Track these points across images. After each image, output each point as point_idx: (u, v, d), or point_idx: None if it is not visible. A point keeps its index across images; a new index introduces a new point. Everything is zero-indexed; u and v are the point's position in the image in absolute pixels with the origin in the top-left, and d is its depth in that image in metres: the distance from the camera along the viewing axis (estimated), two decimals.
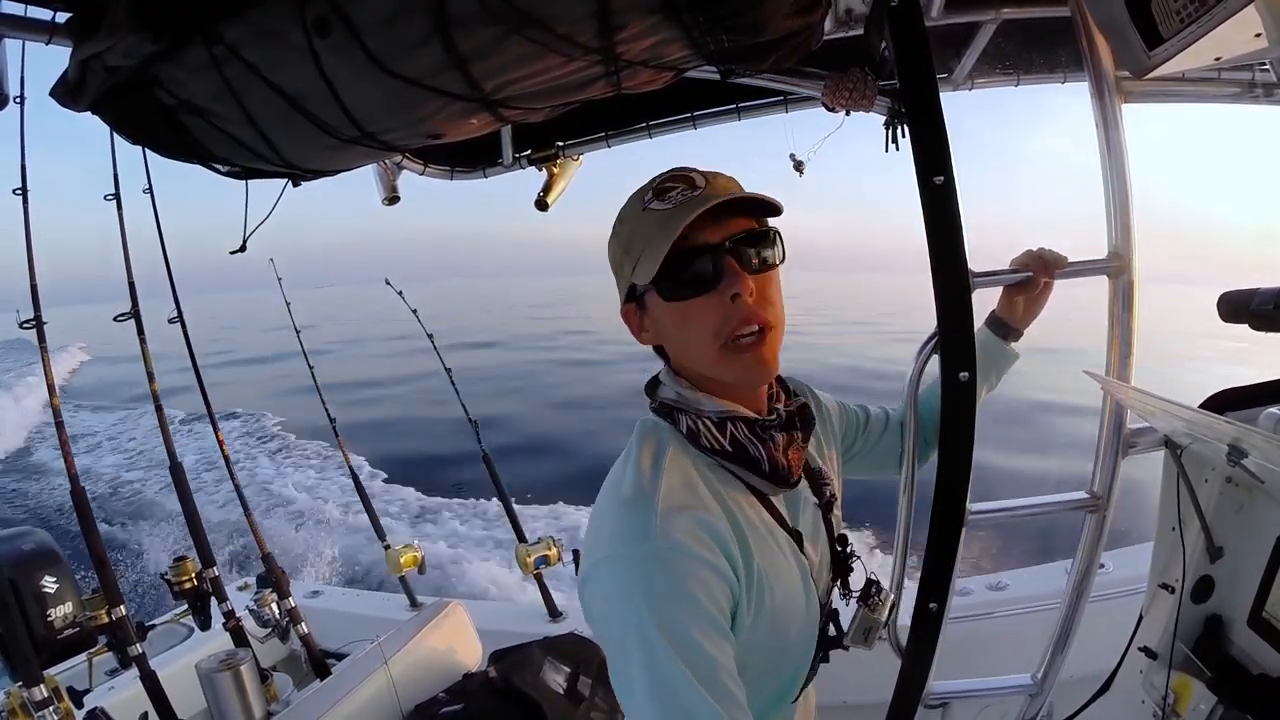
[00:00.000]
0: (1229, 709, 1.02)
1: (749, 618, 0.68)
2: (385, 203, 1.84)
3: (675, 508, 0.66)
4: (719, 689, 0.59)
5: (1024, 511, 1.07)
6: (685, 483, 0.70)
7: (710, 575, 0.64)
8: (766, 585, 0.70)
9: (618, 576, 0.64)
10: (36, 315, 1.81)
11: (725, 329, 0.69)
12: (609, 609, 0.64)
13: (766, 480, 0.75)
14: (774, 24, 0.82)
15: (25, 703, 1.44)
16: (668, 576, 0.62)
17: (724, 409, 0.74)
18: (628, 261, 0.72)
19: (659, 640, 0.59)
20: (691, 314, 0.70)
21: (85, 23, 0.94)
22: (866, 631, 0.85)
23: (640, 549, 0.64)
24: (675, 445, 0.73)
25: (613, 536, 0.67)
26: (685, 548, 0.63)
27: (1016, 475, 6.88)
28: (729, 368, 0.71)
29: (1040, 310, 1.05)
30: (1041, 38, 1.25)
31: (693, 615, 0.61)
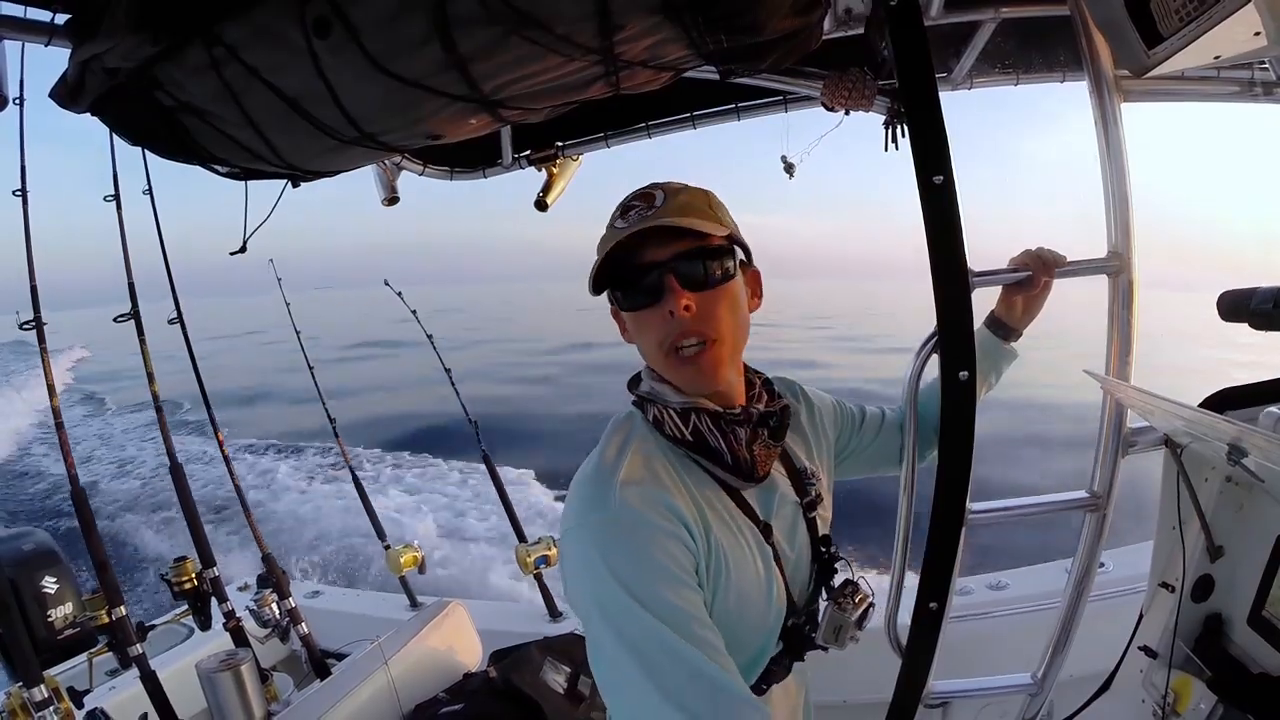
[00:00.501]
0: (1229, 708, 1.02)
1: (707, 592, 0.71)
2: (385, 203, 1.84)
3: (633, 481, 0.71)
4: (692, 637, 0.62)
5: (1024, 511, 1.07)
6: (646, 464, 0.74)
7: (668, 540, 0.68)
8: (725, 565, 0.73)
9: (580, 544, 0.68)
10: (36, 316, 1.81)
11: (667, 340, 0.75)
12: (576, 577, 0.68)
13: (729, 473, 0.78)
14: (773, 24, 0.82)
15: (26, 703, 1.44)
16: (627, 540, 0.66)
17: (687, 401, 0.78)
18: (594, 271, 0.78)
19: (622, 596, 0.63)
20: (641, 324, 0.77)
21: (85, 24, 0.94)
22: (837, 630, 0.85)
23: (599, 516, 0.68)
24: (643, 433, 0.79)
25: (575, 510, 0.71)
26: (642, 515, 0.68)
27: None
28: (675, 374, 0.78)
29: (1039, 310, 1.06)
30: (1041, 37, 1.25)
31: (655, 573, 0.65)
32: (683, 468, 0.77)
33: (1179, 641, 1.09)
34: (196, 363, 2.36)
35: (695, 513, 0.72)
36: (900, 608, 1.09)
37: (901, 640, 1.07)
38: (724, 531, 0.75)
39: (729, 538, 0.75)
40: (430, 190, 24.47)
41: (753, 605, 0.77)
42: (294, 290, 3.06)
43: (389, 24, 0.80)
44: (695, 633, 0.63)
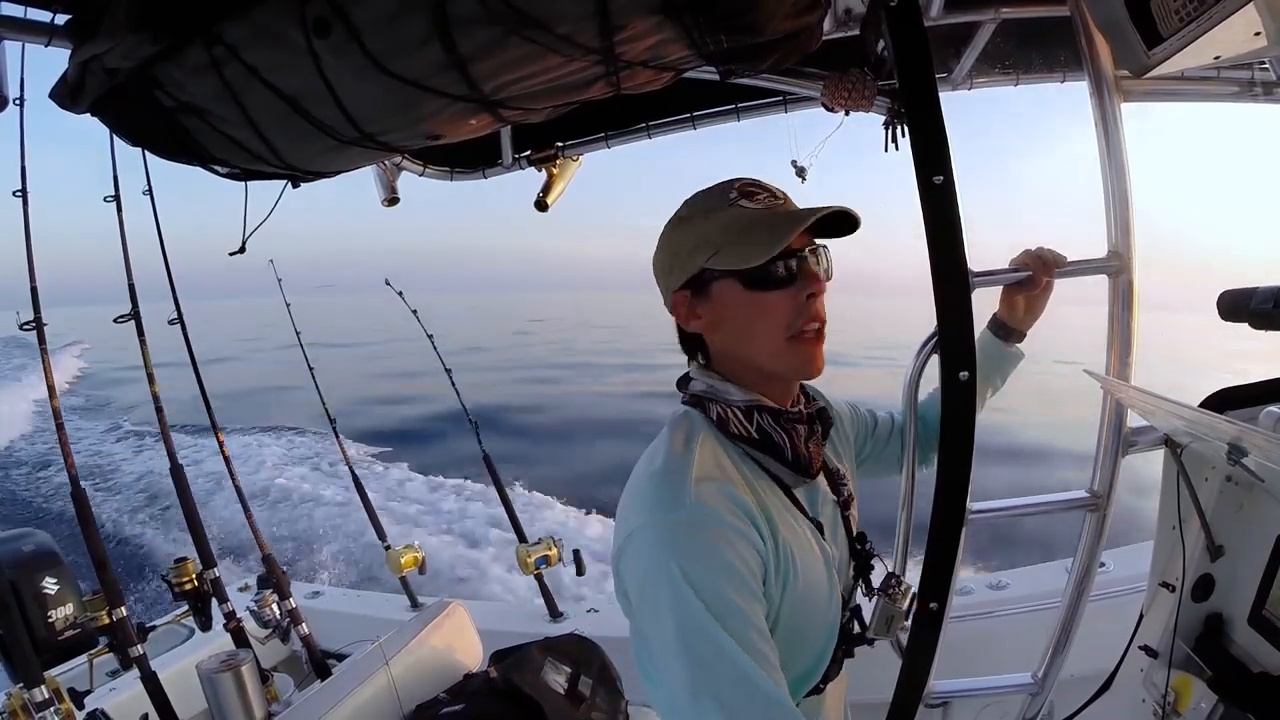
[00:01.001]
0: (1229, 707, 1.02)
1: (776, 594, 0.71)
2: (385, 204, 1.84)
3: (707, 478, 0.70)
4: (751, 648, 0.62)
5: (1024, 511, 1.07)
6: (715, 461, 0.74)
7: (741, 541, 0.67)
8: (792, 566, 0.73)
9: (653, 542, 0.67)
10: (36, 317, 1.81)
11: (796, 323, 0.76)
12: (644, 575, 0.67)
13: (789, 469, 0.79)
14: (773, 24, 0.82)
15: (26, 704, 1.44)
16: (702, 540, 0.66)
17: (751, 398, 0.79)
18: (705, 250, 0.77)
19: (694, 600, 0.62)
20: (769, 305, 0.76)
21: (85, 24, 0.94)
22: (889, 621, 0.87)
23: (674, 515, 0.67)
24: (706, 430, 0.78)
25: (648, 505, 0.70)
26: (718, 513, 0.67)
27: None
28: (789, 358, 0.77)
29: (1041, 311, 1.06)
30: (1041, 37, 1.25)
31: (727, 576, 0.65)
32: (747, 467, 0.77)
33: (1179, 641, 1.09)
34: (196, 363, 2.36)
35: (761, 510, 0.72)
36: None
37: (901, 640, 1.07)
38: (788, 529, 0.75)
39: (793, 535, 0.75)
40: (431, 191, 24.52)
41: (818, 602, 0.78)
42: (295, 293, 3.06)
43: (389, 24, 0.80)
44: (755, 643, 0.63)
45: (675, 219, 0.81)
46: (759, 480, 0.77)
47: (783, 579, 0.72)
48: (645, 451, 0.79)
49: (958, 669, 1.08)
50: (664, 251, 0.83)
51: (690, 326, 0.82)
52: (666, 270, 0.82)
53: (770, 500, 0.76)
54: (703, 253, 0.77)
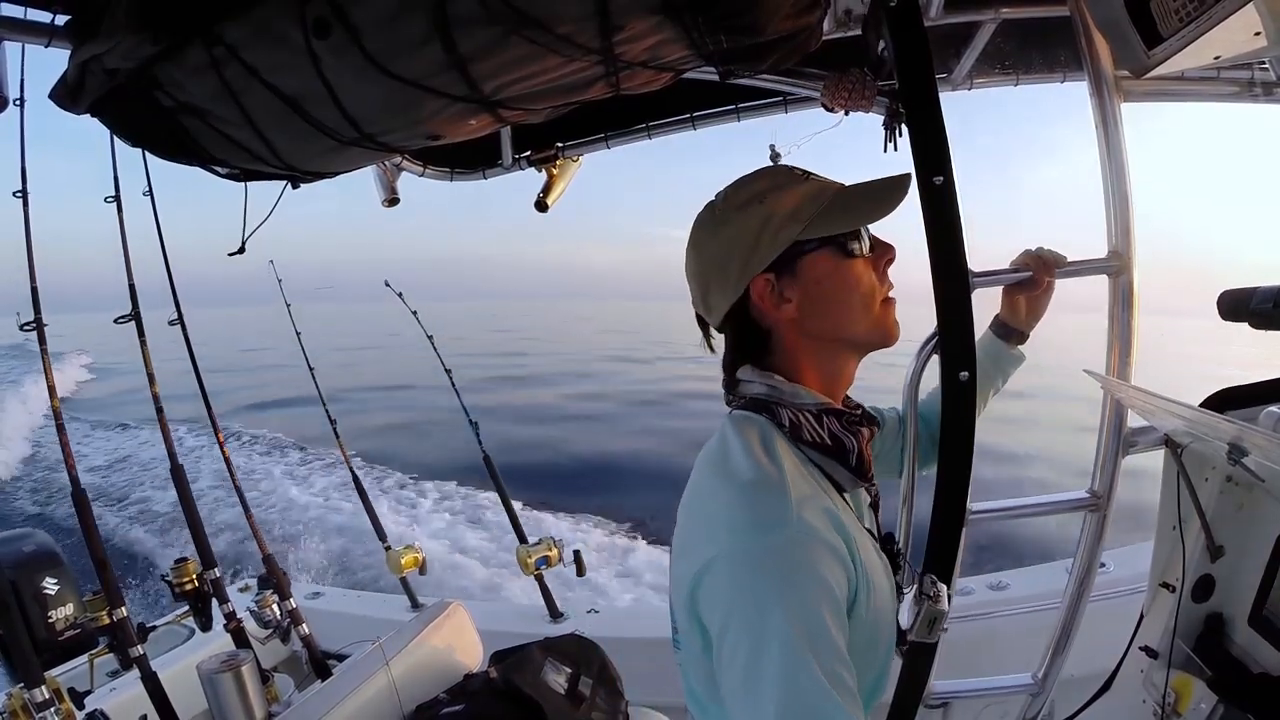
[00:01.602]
0: (1230, 707, 1.02)
1: (860, 609, 0.67)
2: (385, 204, 1.84)
3: (805, 495, 0.66)
4: (839, 682, 0.58)
5: (1024, 511, 1.07)
6: (800, 472, 0.70)
7: (837, 563, 0.63)
8: (869, 580, 0.69)
9: (752, 565, 0.62)
10: (37, 317, 1.81)
11: (881, 288, 0.77)
12: (737, 600, 0.61)
13: (852, 474, 0.75)
14: (773, 24, 0.82)
15: (27, 704, 1.44)
16: (806, 563, 0.61)
17: (820, 401, 0.75)
18: (795, 222, 0.73)
19: (795, 631, 0.57)
20: (859, 274, 0.76)
21: (84, 25, 0.94)
22: (932, 623, 0.84)
23: (779, 536, 0.62)
24: (773, 435, 0.73)
25: (743, 524, 0.64)
26: (820, 534, 0.63)
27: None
28: (884, 325, 0.77)
29: (1043, 312, 1.05)
30: (1041, 37, 1.25)
31: (828, 602, 0.60)
32: (815, 474, 0.73)
33: (1179, 641, 1.09)
34: (196, 362, 2.36)
35: (838, 523, 0.67)
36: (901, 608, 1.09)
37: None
38: (860, 539, 0.70)
39: (864, 551, 0.70)
40: (428, 191, 24.37)
41: (887, 610, 0.74)
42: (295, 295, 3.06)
43: (389, 24, 0.80)
44: (843, 678, 0.58)
45: (735, 204, 0.76)
46: (831, 492, 0.73)
47: (866, 595, 0.67)
48: (706, 462, 0.74)
49: (958, 669, 1.08)
50: (734, 239, 0.75)
51: (778, 312, 0.75)
52: (742, 257, 0.75)
53: (842, 514, 0.70)
54: (794, 225, 0.73)
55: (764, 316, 0.76)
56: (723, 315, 0.79)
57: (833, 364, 0.78)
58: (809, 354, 0.77)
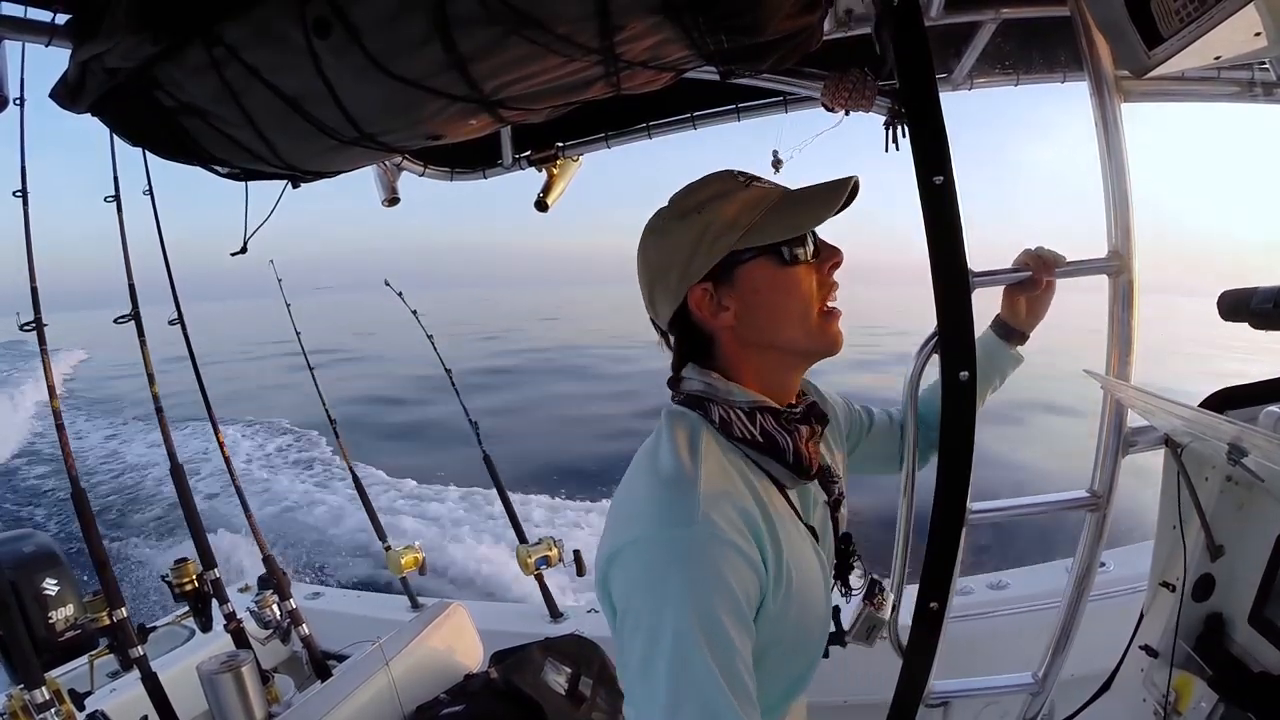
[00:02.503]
0: (1230, 707, 1.02)
1: (775, 607, 0.69)
2: (385, 204, 1.83)
3: (716, 493, 0.67)
4: (735, 681, 0.60)
5: (1024, 511, 1.07)
6: (721, 469, 0.71)
7: (743, 564, 0.65)
8: (793, 577, 0.71)
9: (654, 557, 0.64)
10: (37, 317, 1.81)
11: (823, 296, 0.76)
12: (638, 588, 0.64)
13: (790, 471, 0.76)
14: (774, 24, 0.82)
15: (27, 705, 1.44)
16: (707, 561, 0.63)
17: (754, 399, 0.76)
18: (731, 232, 0.74)
19: (690, 624, 0.60)
20: (798, 281, 0.75)
21: (85, 24, 0.94)
22: (870, 629, 0.85)
23: (682, 532, 0.64)
24: (701, 431, 0.74)
25: (652, 517, 0.67)
26: (725, 534, 0.64)
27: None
28: (822, 335, 0.77)
29: (1044, 312, 1.05)
30: (1041, 37, 1.25)
31: (725, 602, 0.62)
32: (749, 471, 0.74)
33: (1180, 641, 1.09)
34: (196, 362, 2.36)
35: (765, 521, 0.70)
36: (900, 608, 1.09)
37: (902, 640, 1.07)
38: (788, 537, 0.72)
39: (793, 547, 0.72)
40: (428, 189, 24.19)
41: (815, 610, 0.76)
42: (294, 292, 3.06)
43: (389, 24, 0.80)
44: (739, 674, 0.61)
45: (678, 212, 0.77)
46: (764, 485, 0.75)
47: (784, 593, 0.69)
48: (641, 454, 0.76)
49: (958, 669, 1.08)
50: (674, 247, 0.77)
51: (716, 321, 0.77)
52: (681, 265, 0.76)
53: (774, 508, 0.73)
54: (731, 234, 0.74)
55: (704, 323, 0.78)
56: (667, 319, 0.81)
57: (774, 369, 0.79)
58: (749, 359, 0.78)
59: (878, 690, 1.08)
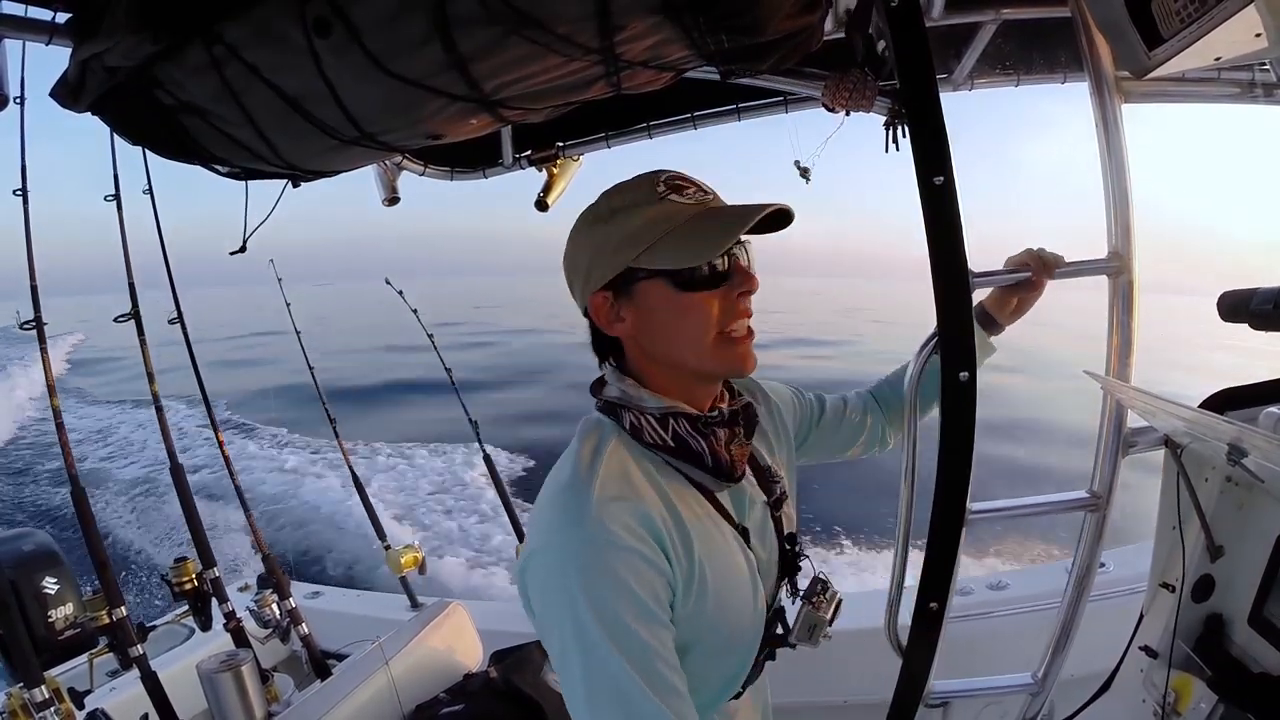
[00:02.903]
0: (1230, 707, 1.02)
1: (688, 609, 0.70)
2: (385, 203, 1.83)
3: (610, 496, 0.68)
4: (655, 677, 0.61)
5: (1024, 511, 1.07)
6: (623, 474, 0.72)
7: (643, 564, 0.66)
8: (708, 579, 0.71)
9: (552, 564, 0.66)
10: (37, 316, 1.81)
11: (725, 322, 0.73)
12: (545, 597, 0.67)
13: (710, 475, 0.77)
14: (774, 24, 0.82)
15: (26, 704, 1.44)
16: (601, 563, 0.64)
17: (666, 405, 0.76)
18: (632, 248, 0.73)
19: (594, 627, 0.61)
20: (697, 305, 0.73)
21: (85, 23, 0.94)
22: (811, 629, 0.85)
23: (574, 534, 0.66)
24: (616, 439, 0.75)
25: (548, 525, 0.69)
26: (618, 536, 0.65)
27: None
28: (718, 358, 0.75)
29: (1029, 309, 1.06)
30: (1041, 38, 1.25)
31: (628, 602, 0.63)
32: (661, 474, 0.75)
33: (1179, 641, 1.09)
34: (196, 361, 2.36)
35: (674, 523, 0.71)
36: (900, 608, 1.09)
37: (901, 640, 1.07)
38: (706, 539, 0.73)
39: (711, 545, 0.74)
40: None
41: (740, 611, 0.77)
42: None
43: (389, 24, 0.80)
44: (658, 671, 0.62)
45: (593, 215, 0.76)
46: (678, 489, 0.75)
47: (697, 594, 0.70)
48: (558, 461, 0.76)
49: (958, 669, 1.08)
50: (581, 250, 0.77)
51: (612, 330, 0.78)
52: (585, 270, 0.77)
53: (689, 511, 0.73)
54: (629, 250, 0.73)
55: (604, 330, 0.78)
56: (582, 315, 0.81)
57: (681, 381, 0.78)
58: (653, 368, 0.78)
59: (878, 690, 1.08)
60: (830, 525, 6.14)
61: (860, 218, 55.12)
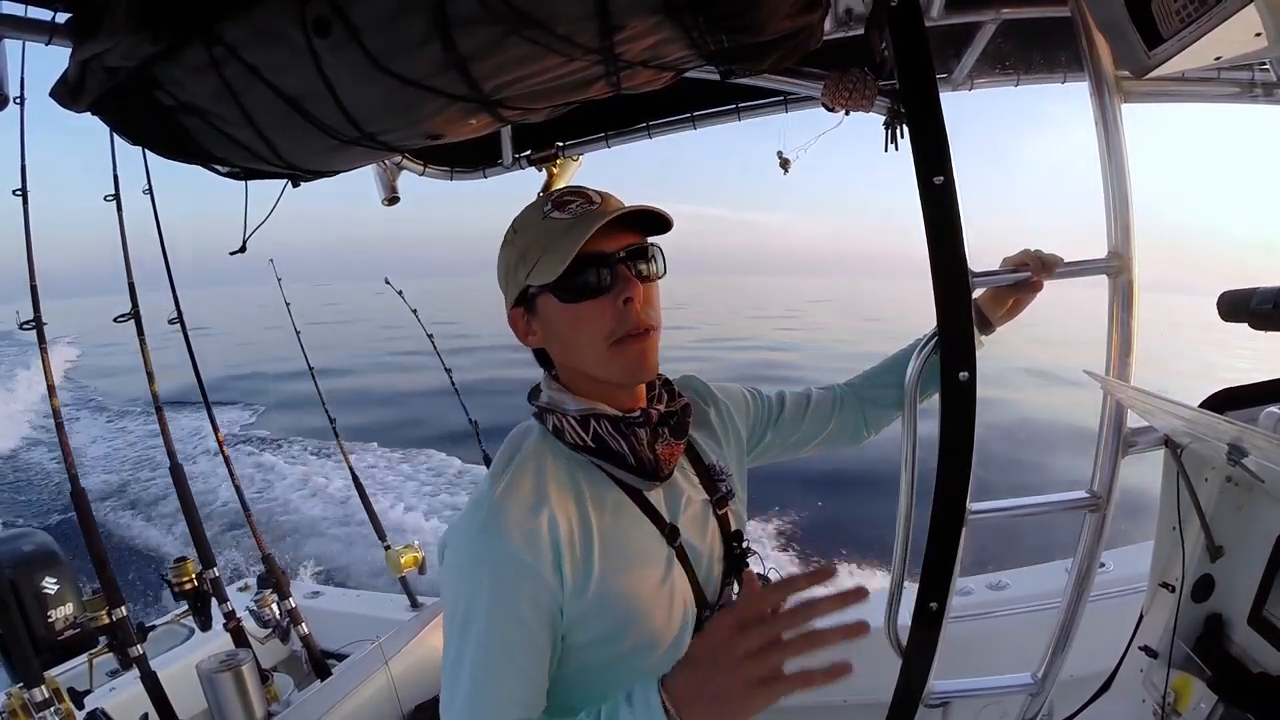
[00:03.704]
0: (1229, 707, 1.02)
1: (584, 604, 0.73)
2: (385, 203, 1.84)
3: (508, 502, 0.73)
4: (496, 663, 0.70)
5: (1024, 511, 1.07)
6: (534, 476, 0.76)
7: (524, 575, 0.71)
8: (610, 576, 0.74)
9: (452, 560, 0.74)
10: (36, 316, 1.81)
11: (617, 330, 0.75)
12: (444, 577, 0.75)
13: (634, 474, 0.79)
14: (774, 24, 0.82)
15: (26, 704, 1.44)
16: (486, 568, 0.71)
17: (586, 407, 0.79)
18: (523, 267, 0.77)
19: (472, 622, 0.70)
20: (584, 315, 0.76)
21: (85, 23, 0.94)
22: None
23: (471, 529, 0.73)
24: (536, 443, 0.80)
25: (459, 522, 0.75)
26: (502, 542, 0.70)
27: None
28: (615, 366, 0.77)
29: (1022, 311, 1.07)
30: (1041, 38, 1.25)
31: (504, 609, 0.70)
32: (583, 475, 0.78)
33: (1179, 641, 1.09)
34: (196, 361, 2.36)
35: (576, 522, 0.74)
36: (900, 608, 1.09)
37: (901, 640, 1.07)
38: (615, 537, 0.76)
39: (621, 543, 0.77)
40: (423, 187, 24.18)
41: (653, 604, 0.78)
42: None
43: (389, 24, 0.80)
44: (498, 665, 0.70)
45: (505, 237, 0.81)
46: (597, 489, 0.78)
47: (596, 590, 0.73)
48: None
49: (958, 669, 1.08)
50: (498, 270, 0.82)
51: (528, 343, 0.83)
52: (502, 288, 0.82)
53: (602, 510, 0.77)
54: (523, 269, 0.77)
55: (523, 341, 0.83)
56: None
57: (598, 386, 0.80)
58: (574, 374, 0.82)
59: (878, 690, 1.08)
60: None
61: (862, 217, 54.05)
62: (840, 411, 1.09)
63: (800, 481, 6.93)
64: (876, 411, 1.10)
